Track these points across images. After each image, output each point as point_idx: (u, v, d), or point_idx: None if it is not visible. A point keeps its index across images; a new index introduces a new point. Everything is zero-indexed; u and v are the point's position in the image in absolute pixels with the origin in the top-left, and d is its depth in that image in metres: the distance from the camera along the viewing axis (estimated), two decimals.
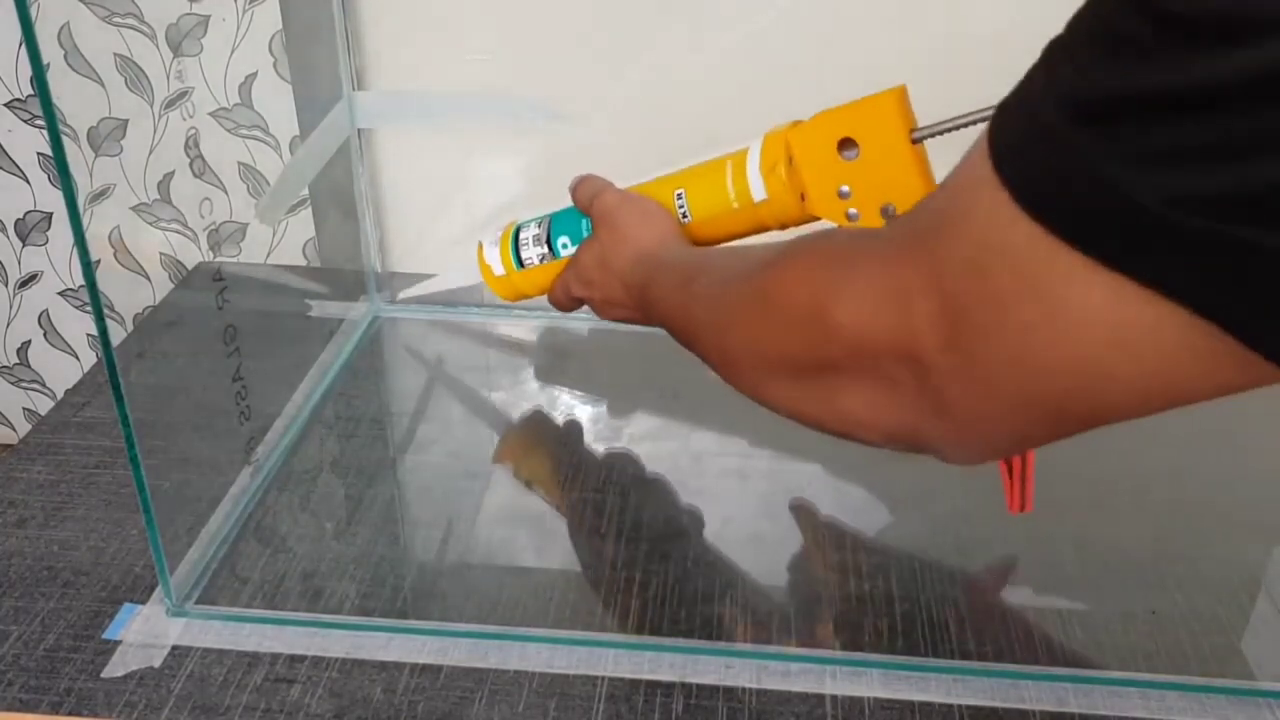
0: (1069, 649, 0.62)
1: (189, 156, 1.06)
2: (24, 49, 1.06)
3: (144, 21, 1.03)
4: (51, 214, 1.18)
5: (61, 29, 1.04)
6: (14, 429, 1.35)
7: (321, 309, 0.96)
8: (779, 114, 0.66)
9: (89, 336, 1.26)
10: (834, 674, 0.60)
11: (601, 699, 0.59)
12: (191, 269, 1.06)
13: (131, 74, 1.05)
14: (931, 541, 0.70)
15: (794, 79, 0.66)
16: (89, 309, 0.97)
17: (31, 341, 1.27)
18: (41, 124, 1.12)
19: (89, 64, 1.05)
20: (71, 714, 0.58)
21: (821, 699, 0.59)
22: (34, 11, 0.50)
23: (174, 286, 1.08)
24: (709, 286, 0.54)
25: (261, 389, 0.79)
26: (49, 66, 0.52)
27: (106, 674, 0.61)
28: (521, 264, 0.76)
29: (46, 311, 1.24)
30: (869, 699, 0.59)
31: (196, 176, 1.07)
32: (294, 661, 0.61)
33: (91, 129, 1.08)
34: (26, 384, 1.31)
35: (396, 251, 1.06)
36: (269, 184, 1.09)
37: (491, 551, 0.71)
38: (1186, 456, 0.80)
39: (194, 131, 1.05)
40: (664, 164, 0.72)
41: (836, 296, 0.41)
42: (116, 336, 0.59)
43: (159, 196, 1.09)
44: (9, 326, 1.26)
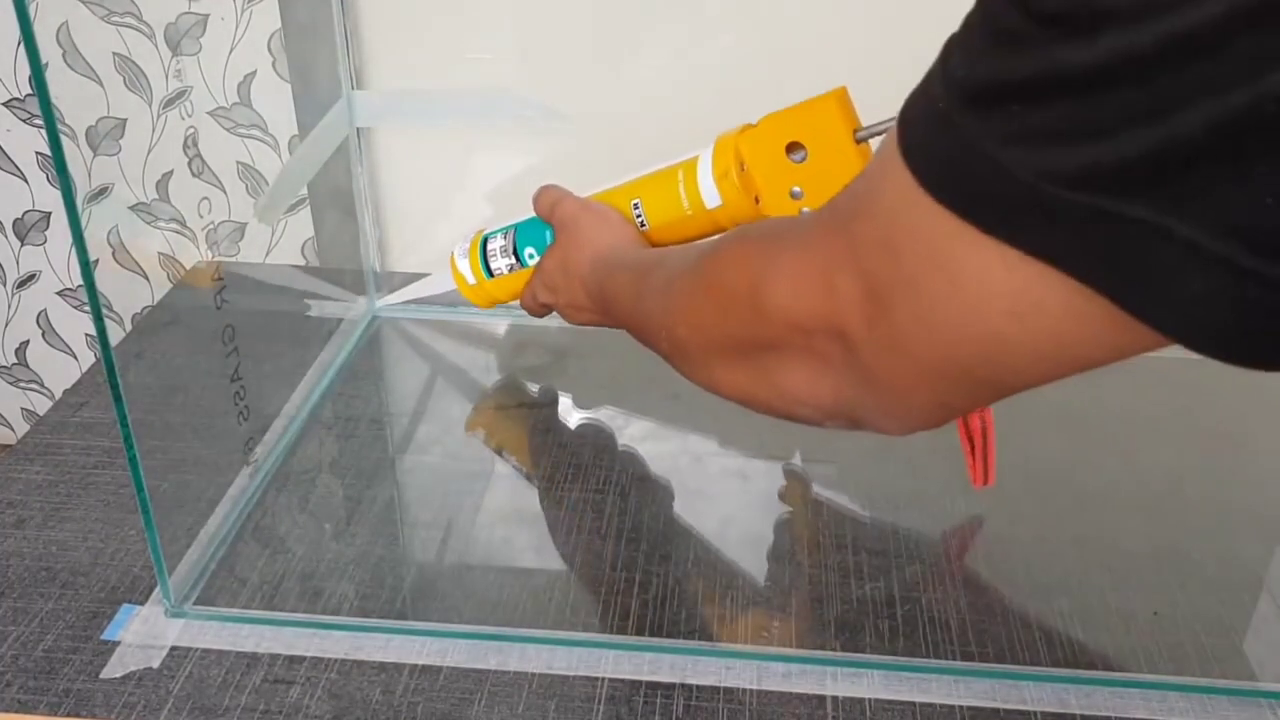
0: (1070, 650, 0.62)
1: (188, 156, 1.06)
2: (22, 48, 1.06)
3: (143, 20, 1.03)
4: (50, 214, 1.18)
5: (60, 28, 1.03)
6: (12, 429, 1.35)
7: (320, 309, 0.96)
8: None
9: (87, 336, 1.26)
10: (835, 675, 0.60)
11: (601, 700, 0.59)
12: (190, 269, 1.06)
13: (130, 73, 1.04)
14: (932, 542, 0.70)
15: (794, 78, 0.66)
16: (87, 309, 0.97)
17: (30, 341, 1.27)
18: (40, 123, 1.11)
19: (88, 63, 1.04)
20: (70, 715, 0.58)
21: (822, 700, 0.59)
22: (32, 10, 0.50)
23: (172, 286, 1.08)
24: (658, 281, 0.57)
25: (260, 389, 0.79)
26: (47, 66, 0.52)
27: (105, 675, 0.61)
28: (491, 274, 0.79)
29: (45, 311, 1.24)
30: (870, 700, 0.59)
31: (195, 176, 1.07)
32: (293, 662, 0.61)
33: (90, 128, 1.08)
34: (25, 384, 1.30)
35: (396, 251, 1.06)
36: (268, 183, 1.09)
37: (491, 552, 0.70)
38: (1187, 456, 0.80)
39: (193, 131, 1.05)
40: (664, 161, 0.72)
41: (768, 278, 0.43)
42: (115, 336, 0.59)
43: (158, 196, 1.09)
44: (7, 326, 1.26)
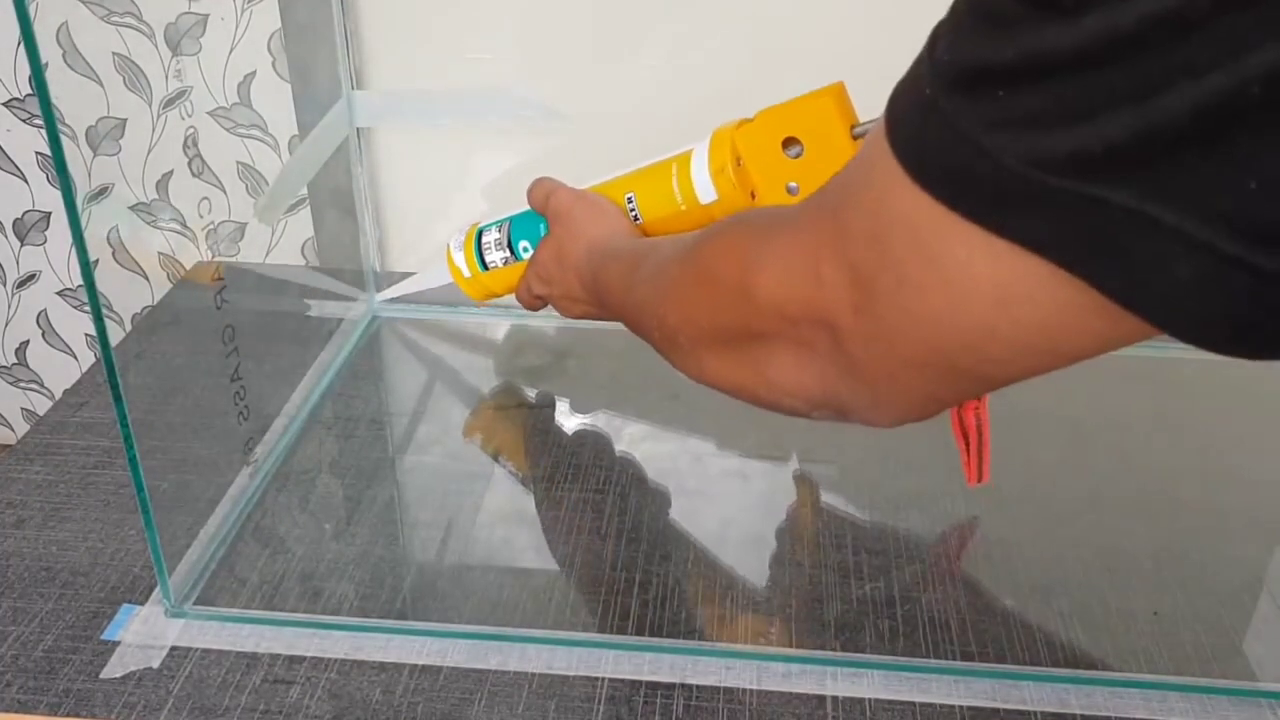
0: (1070, 650, 0.62)
1: (187, 156, 1.05)
2: (22, 48, 1.06)
3: (143, 20, 1.03)
4: (50, 214, 1.18)
5: (60, 28, 1.03)
6: (12, 429, 1.35)
7: (320, 309, 0.96)
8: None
9: (87, 336, 1.26)
10: (835, 675, 0.60)
11: (601, 700, 0.59)
12: (190, 268, 1.06)
13: (130, 73, 1.04)
14: (932, 542, 0.70)
15: (794, 76, 0.66)
16: (87, 309, 0.97)
17: (30, 341, 1.27)
18: (40, 123, 1.11)
19: (87, 63, 1.04)
20: (70, 715, 0.58)
21: (822, 700, 0.59)
22: (32, 10, 0.50)
23: (172, 286, 1.08)
24: (650, 270, 0.56)
25: (260, 389, 0.79)
26: (47, 66, 0.52)
27: (105, 675, 0.61)
28: (486, 267, 0.79)
29: (45, 311, 1.24)
30: (870, 700, 0.59)
31: (195, 176, 1.07)
32: (293, 662, 0.61)
33: (90, 128, 1.08)
34: (25, 384, 1.30)
35: (395, 251, 1.06)
36: (268, 183, 1.08)
37: (491, 552, 0.70)
38: (1187, 456, 0.80)
39: (193, 131, 1.05)
40: (658, 155, 0.72)
41: (756, 267, 0.43)
42: (115, 336, 0.59)
43: (157, 196, 1.09)
44: (7, 326, 1.26)
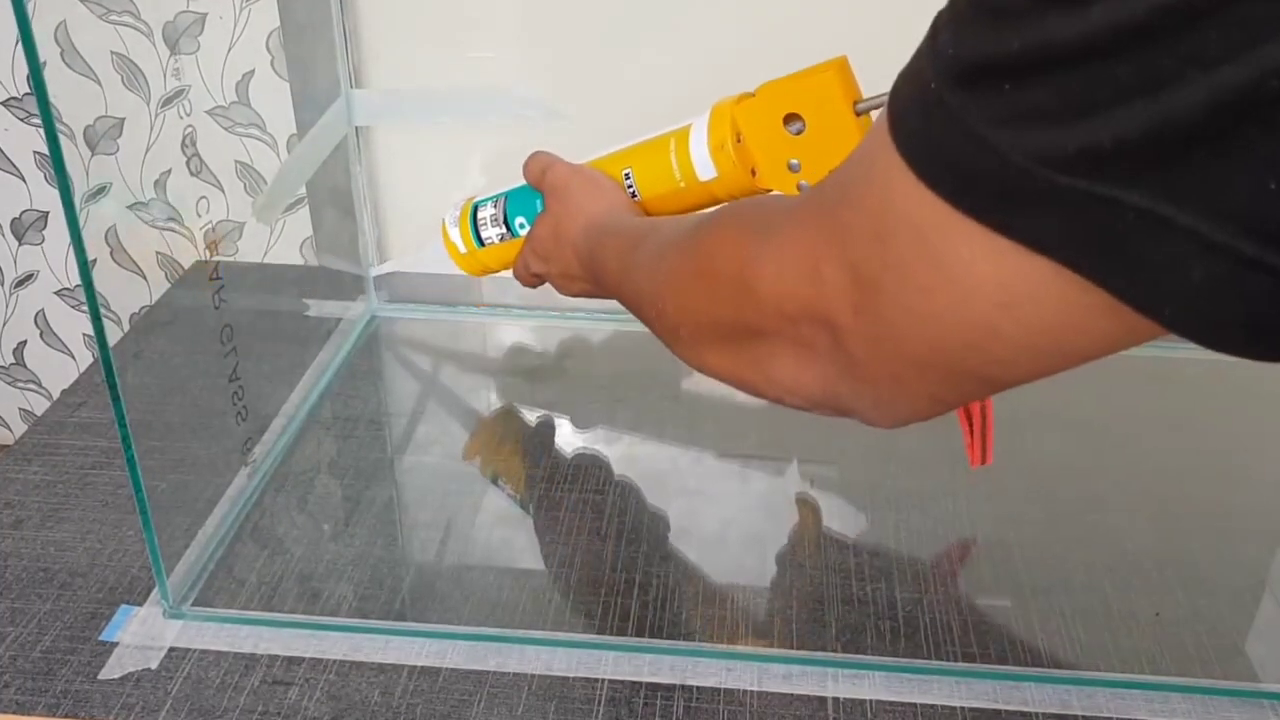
0: (1072, 651, 0.62)
1: (186, 155, 1.05)
2: (20, 47, 1.05)
3: (141, 19, 1.02)
4: (48, 213, 1.17)
5: (58, 27, 1.03)
6: (10, 429, 1.35)
7: (319, 308, 0.96)
8: None
9: (85, 336, 1.26)
10: (836, 676, 0.60)
11: (601, 702, 0.59)
12: (188, 268, 1.06)
13: (128, 72, 1.04)
14: (934, 543, 0.70)
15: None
16: (85, 309, 0.97)
17: (27, 341, 1.26)
18: (38, 122, 1.11)
19: (85, 62, 1.04)
20: (68, 716, 0.58)
21: (823, 701, 0.59)
22: (30, 9, 0.50)
23: (170, 285, 1.07)
24: (648, 254, 0.55)
25: (259, 389, 0.79)
26: (45, 64, 0.51)
27: (103, 676, 0.60)
28: (482, 243, 0.78)
29: (43, 311, 1.24)
30: (871, 701, 0.59)
31: (193, 175, 1.07)
32: (291, 664, 0.61)
33: (88, 127, 1.07)
34: (22, 384, 1.30)
35: (394, 250, 1.05)
36: (266, 182, 1.08)
37: (490, 553, 0.70)
38: (1188, 456, 0.80)
39: (191, 130, 1.04)
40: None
41: (755, 264, 0.42)
42: (113, 336, 0.59)
43: (156, 195, 1.08)
44: (5, 326, 1.25)
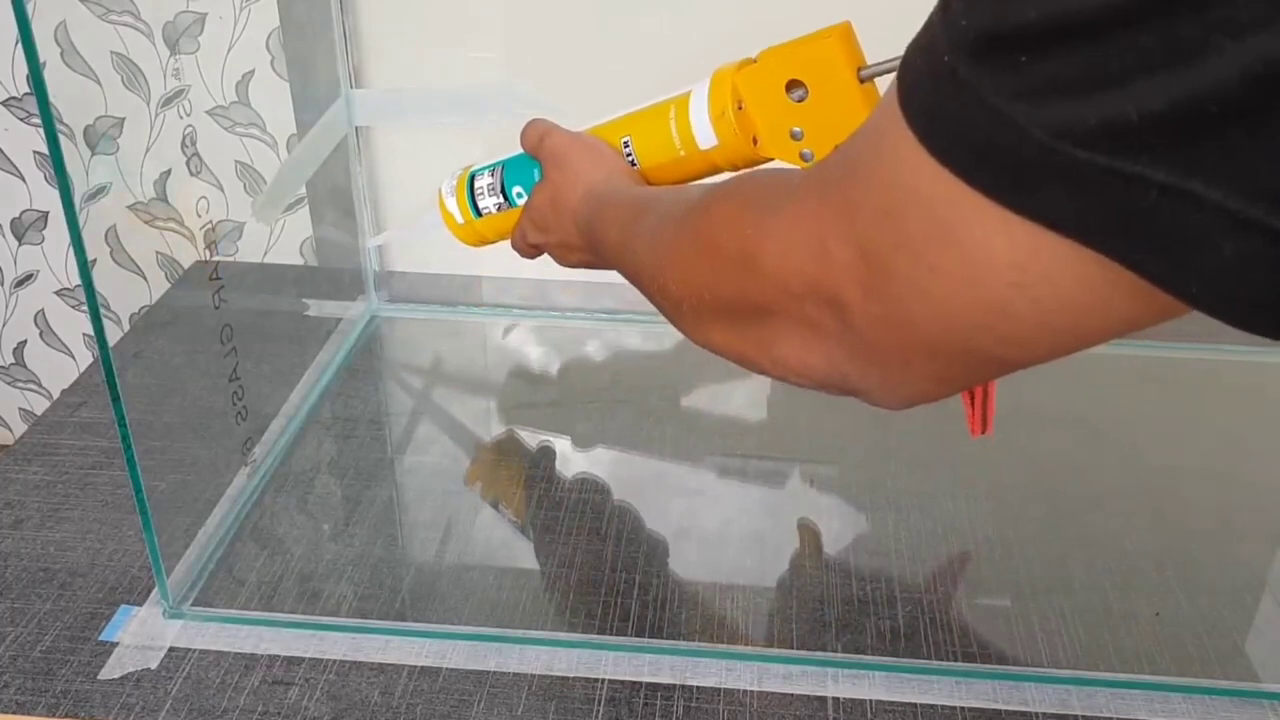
0: (1072, 651, 0.62)
1: (186, 155, 1.05)
2: (20, 47, 1.05)
3: (141, 19, 1.02)
4: (48, 213, 1.17)
5: (58, 27, 1.03)
6: (10, 429, 1.35)
7: (319, 308, 0.96)
8: None
9: (85, 336, 1.26)
10: (836, 676, 0.60)
11: (601, 702, 0.59)
12: (188, 268, 1.06)
13: (128, 72, 1.04)
14: (934, 543, 0.70)
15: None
16: (85, 308, 0.97)
17: (27, 341, 1.26)
18: (38, 122, 1.11)
19: (85, 62, 1.04)
20: (68, 716, 0.58)
21: (823, 701, 0.59)
22: (30, 9, 0.50)
23: (170, 286, 1.08)
24: (649, 227, 0.54)
25: (258, 389, 0.79)
26: (45, 64, 0.51)
27: (103, 676, 0.60)
28: (479, 213, 0.76)
29: (42, 311, 1.24)
30: (871, 701, 0.59)
31: (193, 175, 1.07)
32: (291, 664, 0.61)
33: (88, 127, 1.07)
34: (22, 384, 1.30)
35: (394, 250, 1.05)
36: (266, 182, 1.08)
37: (490, 553, 0.70)
38: (1188, 456, 0.80)
39: (191, 130, 1.04)
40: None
41: (760, 242, 0.41)
42: (113, 336, 0.59)
43: (155, 195, 1.08)
44: (5, 326, 1.25)
